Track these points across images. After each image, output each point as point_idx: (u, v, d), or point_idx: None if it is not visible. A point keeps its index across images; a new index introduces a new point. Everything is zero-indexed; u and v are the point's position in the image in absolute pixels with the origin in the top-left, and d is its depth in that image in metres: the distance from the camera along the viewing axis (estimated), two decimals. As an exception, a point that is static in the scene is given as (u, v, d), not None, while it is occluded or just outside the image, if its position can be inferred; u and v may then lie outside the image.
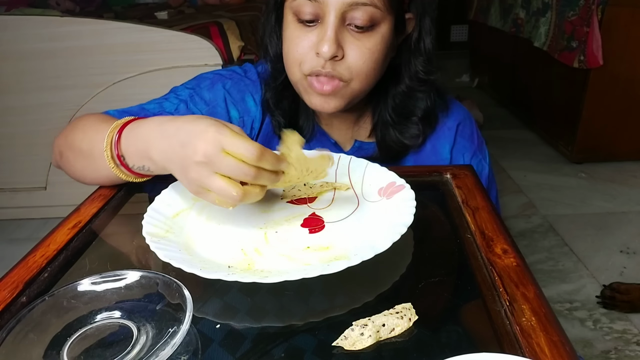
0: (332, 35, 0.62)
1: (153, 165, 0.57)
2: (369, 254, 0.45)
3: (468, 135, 0.79)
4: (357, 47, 0.64)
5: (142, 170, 0.59)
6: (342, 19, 0.62)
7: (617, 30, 2.13)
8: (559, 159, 2.51)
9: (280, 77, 0.73)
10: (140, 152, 0.57)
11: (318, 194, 0.62)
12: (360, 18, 0.62)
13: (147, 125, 0.57)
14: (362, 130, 0.79)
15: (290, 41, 0.67)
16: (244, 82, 0.79)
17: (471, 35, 4.01)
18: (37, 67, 1.86)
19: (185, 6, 2.86)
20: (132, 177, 0.61)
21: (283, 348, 0.40)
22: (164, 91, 0.79)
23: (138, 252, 0.54)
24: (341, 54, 0.64)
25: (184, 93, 0.77)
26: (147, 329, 0.41)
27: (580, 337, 1.42)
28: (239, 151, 0.47)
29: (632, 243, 1.82)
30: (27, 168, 2.02)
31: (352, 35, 0.64)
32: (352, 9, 0.62)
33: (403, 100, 0.73)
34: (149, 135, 0.56)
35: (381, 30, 0.64)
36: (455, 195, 0.63)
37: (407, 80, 0.72)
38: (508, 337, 0.40)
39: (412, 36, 0.70)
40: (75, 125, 0.68)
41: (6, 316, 0.44)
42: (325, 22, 0.63)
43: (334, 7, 0.61)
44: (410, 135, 0.74)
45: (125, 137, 0.58)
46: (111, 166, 0.60)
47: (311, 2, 0.62)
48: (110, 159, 0.59)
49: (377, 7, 0.62)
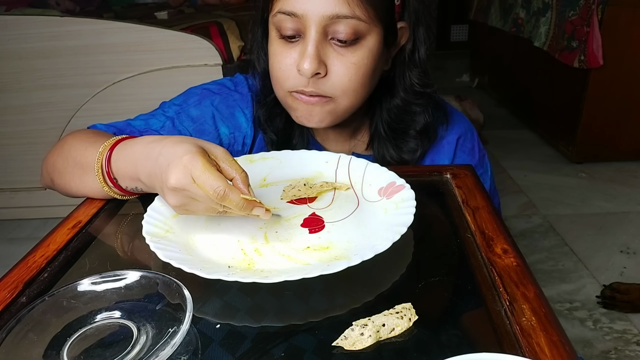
0: (313, 52, 0.60)
1: (143, 186, 0.56)
2: (369, 254, 0.45)
3: (469, 149, 0.77)
4: (341, 62, 0.61)
5: (135, 190, 0.59)
6: (324, 33, 0.60)
7: (618, 30, 2.13)
8: (559, 159, 2.51)
9: (270, 94, 0.71)
10: (130, 174, 0.57)
11: (318, 194, 0.62)
12: (343, 32, 0.59)
13: (135, 147, 0.56)
14: (359, 143, 0.77)
15: (273, 57, 0.65)
16: (232, 97, 0.76)
17: (471, 35, 4.01)
18: (37, 66, 1.86)
19: (185, 6, 2.86)
20: (126, 195, 0.61)
21: (283, 348, 0.40)
22: (164, 91, 0.79)
23: (138, 252, 0.54)
24: (324, 71, 0.61)
25: (171, 110, 0.75)
26: (147, 329, 0.41)
27: (580, 337, 1.42)
28: (204, 187, 0.47)
29: (632, 243, 1.82)
30: (27, 168, 2.02)
31: (335, 50, 0.61)
32: (334, 23, 0.59)
33: (399, 114, 0.71)
34: (136, 158, 0.55)
35: (367, 44, 0.62)
36: (455, 195, 0.63)
37: (403, 93, 0.70)
38: (508, 337, 0.40)
39: (407, 47, 0.68)
40: (62, 146, 0.66)
41: (6, 316, 0.44)
42: (306, 37, 0.60)
43: (315, 22, 0.59)
44: (408, 150, 0.72)
45: (115, 159, 0.58)
46: (105, 189, 0.59)
47: (291, 17, 0.60)
48: (104, 183, 0.59)
49: (361, 19, 0.59)
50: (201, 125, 0.74)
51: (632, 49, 2.16)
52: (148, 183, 0.54)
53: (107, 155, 0.58)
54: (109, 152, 0.58)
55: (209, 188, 0.47)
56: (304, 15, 0.59)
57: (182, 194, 0.49)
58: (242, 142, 0.76)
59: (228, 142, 0.76)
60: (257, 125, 0.75)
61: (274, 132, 0.74)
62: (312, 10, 0.59)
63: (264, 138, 0.76)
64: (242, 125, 0.76)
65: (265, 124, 0.74)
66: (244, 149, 0.77)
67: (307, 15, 0.59)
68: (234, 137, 0.76)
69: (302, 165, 0.67)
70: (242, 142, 0.76)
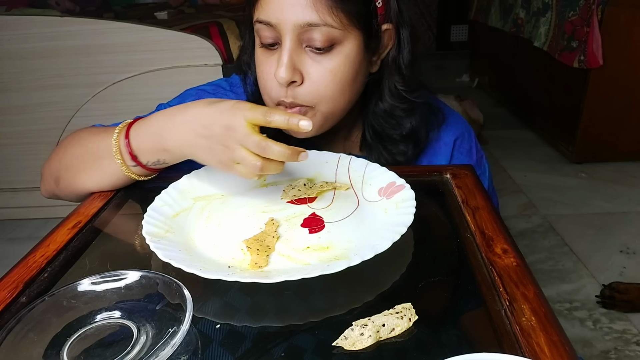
0: (287, 60, 0.60)
1: (169, 157, 0.59)
2: (369, 254, 0.45)
3: (466, 150, 0.77)
4: (317, 69, 0.61)
5: (157, 164, 0.61)
6: (298, 41, 0.60)
7: (618, 30, 2.13)
8: (559, 159, 2.51)
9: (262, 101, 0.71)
10: (154, 146, 0.59)
11: (318, 194, 0.62)
12: (317, 39, 0.59)
13: (154, 121, 0.59)
14: (354, 145, 0.77)
15: (258, 66, 0.66)
16: (228, 97, 0.76)
17: (471, 35, 4.01)
18: (38, 66, 1.86)
19: (185, 6, 2.86)
20: (143, 175, 0.62)
21: (283, 348, 0.40)
22: (164, 91, 0.79)
23: (138, 252, 0.54)
24: (299, 79, 0.61)
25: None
26: (147, 329, 0.41)
27: (580, 337, 1.42)
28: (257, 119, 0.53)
29: (632, 243, 1.82)
30: (27, 168, 2.02)
31: (311, 58, 0.61)
32: (307, 31, 0.59)
33: (385, 117, 0.70)
34: (160, 129, 0.58)
35: (344, 50, 0.61)
36: (455, 195, 0.63)
37: (388, 97, 0.69)
38: (508, 336, 0.40)
39: (391, 51, 0.67)
40: (66, 145, 0.67)
41: (6, 316, 0.44)
42: (282, 46, 0.61)
43: (288, 30, 0.59)
44: (398, 152, 0.72)
45: (134, 137, 0.60)
46: (123, 169, 0.61)
47: (267, 27, 0.61)
48: (122, 162, 0.60)
49: (333, 26, 0.59)
50: None
51: (632, 49, 2.16)
52: (178, 149, 0.57)
53: (124, 134, 0.60)
54: (126, 131, 0.60)
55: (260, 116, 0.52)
56: (278, 25, 0.60)
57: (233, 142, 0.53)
58: None
59: None
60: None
61: (269, 136, 0.74)
62: (285, 19, 0.59)
63: None
64: None
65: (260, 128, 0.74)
66: None
67: (281, 24, 0.59)
68: None
69: (302, 165, 0.67)
70: None
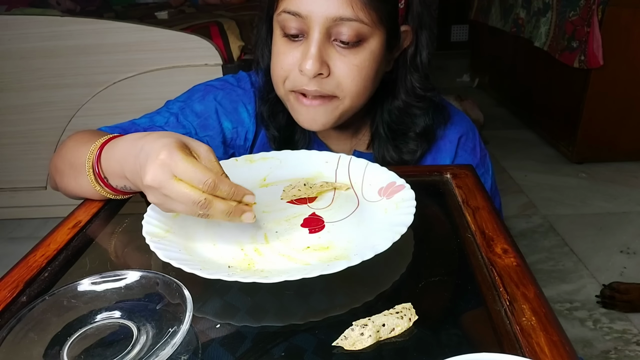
0: (315, 52, 0.60)
1: (131, 185, 0.55)
2: (369, 254, 0.45)
3: (470, 148, 0.77)
4: (344, 63, 0.62)
5: (125, 189, 0.58)
6: (327, 34, 0.61)
7: (618, 30, 2.12)
8: (560, 159, 2.51)
9: (273, 91, 0.71)
10: (117, 172, 0.56)
11: (318, 194, 0.62)
12: (346, 34, 0.60)
13: (120, 146, 0.55)
14: (361, 142, 0.78)
15: (276, 56, 0.65)
16: (235, 92, 0.77)
17: (471, 35, 4.01)
18: (38, 66, 1.86)
19: (185, 6, 2.86)
20: (119, 195, 0.61)
21: (283, 348, 0.40)
22: (164, 91, 0.79)
23: (138, 252, 0.54)
24: (327, 71, 0.62)
25: (175, 106, 0.76)
26: (147, 329, 0.41)
27: (580, 337, 1.42)
28: (189, 179, 0.45)
29: (632, 243, 1.82)
30: (27, 167, 2.02)
31: (338, 52, 0.62)
32: (337, 25, 0.59)
33: (400, 115, 0.71)
34: (122, 155, 0.54)
35: (370, 46, 0.62)
36: (455, 195, 0.63)
37: (404, 95, 0.70)
38: (508, 336, 0.40)
39: (409, 51, 0.68)
40: (61, 148, 0.66)
41: (6, 315, 0.44)
42: (309, 38, 0.61)
43: (318, 23, 0.59)
44: (407, 151, 0.73)
45: (105, 159, 0.57)
46: (97, 189, 0.59)
47: (295, 17, 0.60)
48: (95, 182, 0.58)
49: (364, 22, 0.60)
50: (205, 120, 0.75)
51: (632, 49, 2.16)
52: (132, 180, 0.53)
53: (97, 155, 0.57)
54: (98, 151, 0.57)
55: (197, 182, 0.45)
56: (308, 16, 0.60)
57: (158, 192, 0.47)
58: (245, 137, 0.77)
59: (231, 136, 0.76)
60: (259, 122, 0.76)
61: (276, 128, 0.75)
62: (316, 11, 0.59)
63: (266, 134, 0.76)
64: (245, 121, 0.76)
65: (267, 120, 0.74)
66: (246, 144, 0.77)
67: (311, 16, 0.59)
68: (236, 132, 0.76)
69: (302, 165, 0.67)
70: (245, 137, 0.77)
